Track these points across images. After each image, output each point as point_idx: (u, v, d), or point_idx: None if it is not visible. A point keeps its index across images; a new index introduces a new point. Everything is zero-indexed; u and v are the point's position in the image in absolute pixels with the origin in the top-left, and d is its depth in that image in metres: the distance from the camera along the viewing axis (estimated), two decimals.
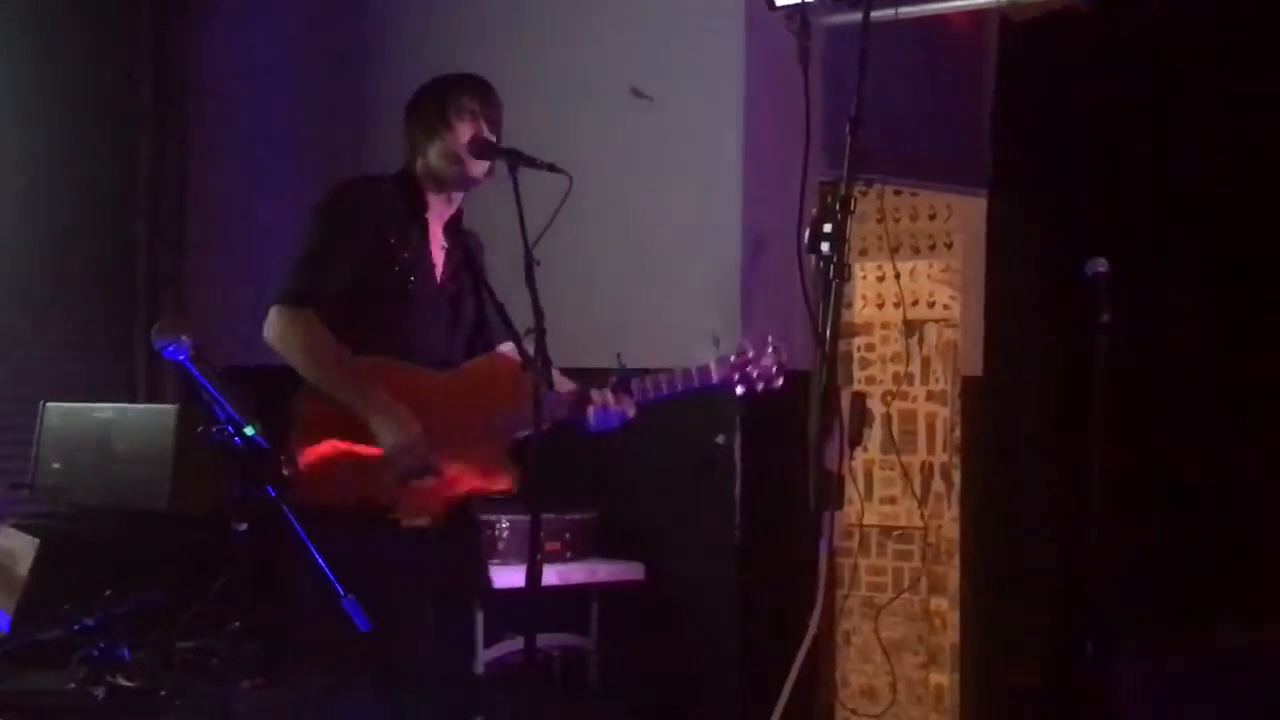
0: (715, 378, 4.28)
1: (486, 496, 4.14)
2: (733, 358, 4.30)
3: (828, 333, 3.48)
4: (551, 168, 4.06)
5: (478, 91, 4.23)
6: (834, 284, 3.45)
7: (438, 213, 4.25)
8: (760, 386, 4.34)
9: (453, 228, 4.29)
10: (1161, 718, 4.73)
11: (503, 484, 4.13)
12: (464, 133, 4.16)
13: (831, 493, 3.50)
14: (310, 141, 6.59)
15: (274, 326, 4.06)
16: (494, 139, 4.18)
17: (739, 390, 4.32)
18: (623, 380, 4.14)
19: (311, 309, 4.04)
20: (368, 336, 4.08)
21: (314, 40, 6.91)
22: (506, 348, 4.10)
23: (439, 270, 4.24)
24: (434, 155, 4.19)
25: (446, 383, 4.14)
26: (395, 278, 4.11)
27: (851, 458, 6.87)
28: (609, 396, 4.13)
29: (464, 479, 4.09)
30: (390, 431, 3.98)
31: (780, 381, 4.37)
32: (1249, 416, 5.35)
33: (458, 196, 4.28)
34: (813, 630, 3.53)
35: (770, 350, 4.34)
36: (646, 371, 4.28)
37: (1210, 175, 5.42)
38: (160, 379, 6.79)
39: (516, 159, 4.05)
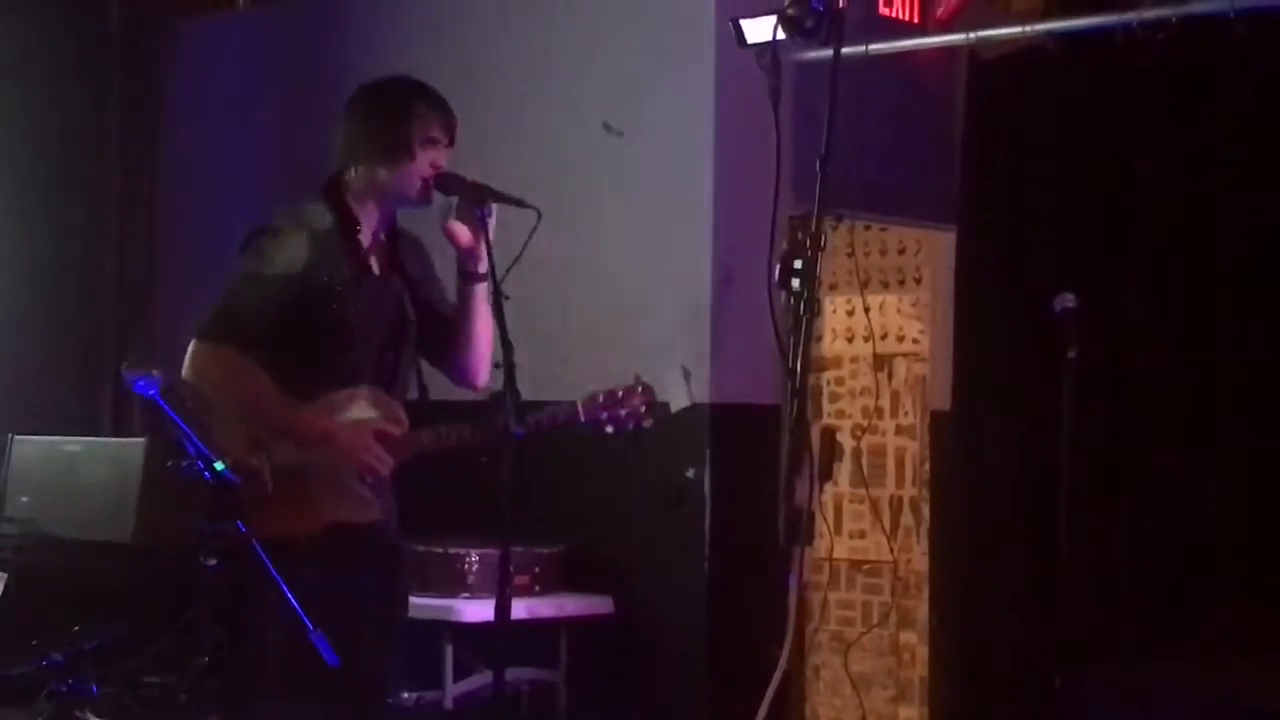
0: (583, 417, 4.18)
1: (354, 527, 4.05)
2: (601, 398, 4.20)
3: (798, 367, 3.48)
4: (520, 203, 4.04)
5: (441, 115, 4.13)
6: (804, 319, 3.46)
7: (372, 217, 4.15)
8: (630, 426, 4.21)
9: (389, 227, 4.21)
10: None
11: (372, 515, 4.06)
12: (426, 162, 4.12)
13: (802, 528, 3.50)
14: (282, 177, 6.59)
15: (195, 363, 3.98)
16: (459, 175, 4.12)
17: (609, 430, 4.21)
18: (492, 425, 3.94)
19: (231, 346, 4.01)
20: (302, 369, 4.04)
21: (287, 75, 6.92)
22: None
23: (376, 265, 4.15)
24: (385, 176, 4.08)
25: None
26: (330, 314, 4.02)
27: (821, 492, 6.88)
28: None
29: (327, 508, 4.02)
30: (334, 455, 3.97)
31: (649, 422, 4.22)
32: (1217, 450, 5.37)
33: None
34: (782, 665, 3.52)
35: (639, 390, 4.22)
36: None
37: (1177, 210, 5.45)
38: (126, 413, 6.77)
39: (485, 194, 4.02)
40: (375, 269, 4.15)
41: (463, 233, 4.10)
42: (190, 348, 4.02)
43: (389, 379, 4.13)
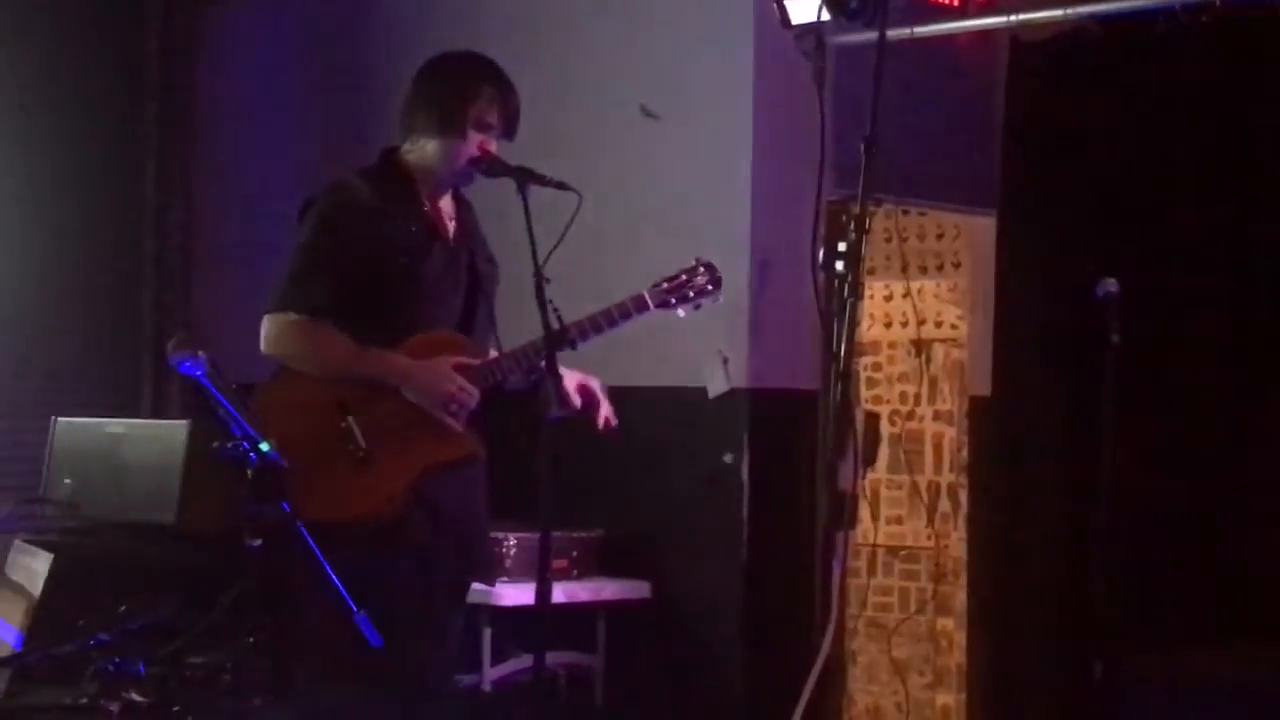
0: (652, 305, 4.26)
1: (455, 464, 4.08)
2: (665, 284, 4.29)
3: (842, 351, 3.47)
4: (561, 185, 4.05)
5: (504, 104, 4.16)
6: (849, 302, 3.45)
7: (429, 183, 4.18)
8: (700, 304, 4.33)
9: (456, 192, 4.25)
10: None
11: (466, 449, 4.08)
12: (474, 144, 4.13)
13: (845, 513, 3.49)
14: (318, 157, 6.60)
15: (269, 336, 4.05)
16: (502, 159, 4.13)
17: (680, 312, 4.31)
18: (562, 330, 4.01)
19: (300, 313, 4.03)
20: (376, 326, 4.06)
21: (321, 56, 6.93)
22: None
23: (452, 228, 4.20)
24: (433, 151, 4.13)
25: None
26: (401, 271, 4.06)
27: (864, 477, 6.87)
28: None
29: (423, 453, 4.03)
30: (417, 393, 3.99)
31: (720, 296, 4.35)
32: (1259, 436, 5.35)
33: None
34: (825, 649, 3.51)
35: (701, 269, 4.32)
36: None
37: (1220, 195, 5.43)
38: (165, 394, 6.80)
39: (526, 177, 4.02)
40: (442, 232, 4.17)
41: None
42: (264, 323, 4.05)
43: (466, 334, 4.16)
